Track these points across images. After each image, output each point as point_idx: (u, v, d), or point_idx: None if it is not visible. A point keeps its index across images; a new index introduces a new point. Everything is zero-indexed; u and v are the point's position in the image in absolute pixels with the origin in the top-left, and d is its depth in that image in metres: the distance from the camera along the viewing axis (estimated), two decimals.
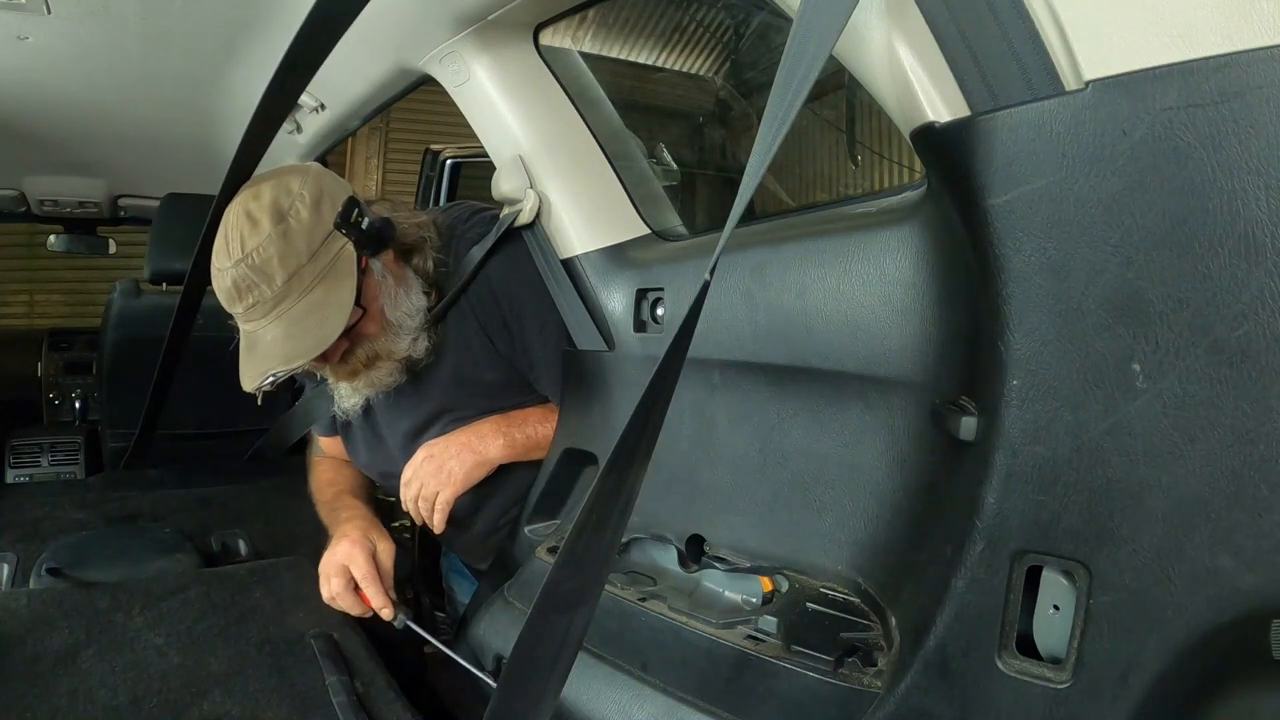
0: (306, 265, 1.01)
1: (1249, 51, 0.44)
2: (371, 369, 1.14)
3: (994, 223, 0.56)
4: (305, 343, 1.02)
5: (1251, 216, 0.45)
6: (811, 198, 3.54)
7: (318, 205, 1.03)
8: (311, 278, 1.01)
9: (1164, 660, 0.51)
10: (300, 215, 1.01)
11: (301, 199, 1.02)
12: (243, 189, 1.06)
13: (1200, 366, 0.48)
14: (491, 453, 1.18)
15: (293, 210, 1.01)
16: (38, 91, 1.59)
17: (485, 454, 1.17)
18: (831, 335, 0.78)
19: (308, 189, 1.03)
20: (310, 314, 1.02)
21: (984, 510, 0.59)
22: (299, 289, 1.01)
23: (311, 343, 1.02)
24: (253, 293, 1.00)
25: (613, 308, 1.10)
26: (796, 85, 0.54)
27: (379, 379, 1.15)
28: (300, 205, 1.01)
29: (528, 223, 1.14)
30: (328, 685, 0.94)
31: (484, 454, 1.17)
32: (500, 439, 1.18)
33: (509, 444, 1.19)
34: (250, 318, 1.03)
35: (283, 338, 1.02)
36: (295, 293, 1.01)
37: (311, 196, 1.02)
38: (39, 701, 0.87)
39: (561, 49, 1.22)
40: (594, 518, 0.63)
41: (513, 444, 1.19)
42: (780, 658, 0.76)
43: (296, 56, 0.98)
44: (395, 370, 1.15)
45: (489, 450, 1.18)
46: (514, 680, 0.67)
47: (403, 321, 1.13)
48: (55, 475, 2.24)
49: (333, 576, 1.10)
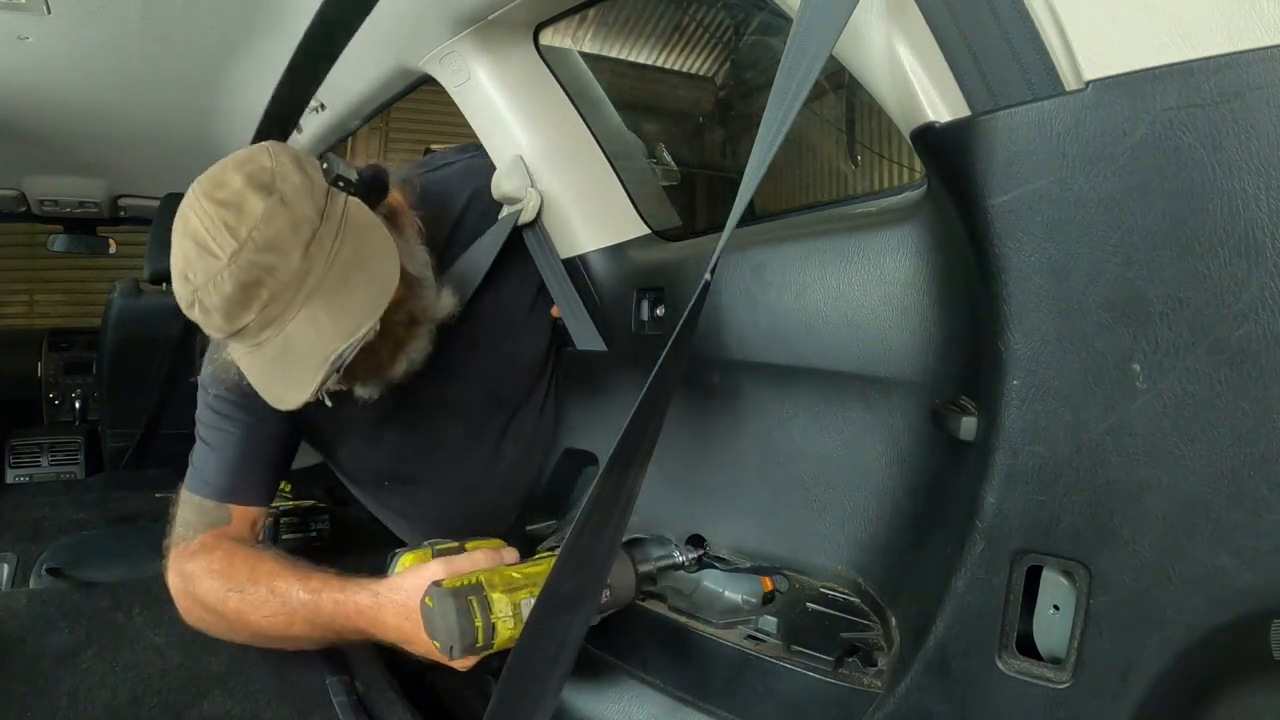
0: (322, 227, 0.83)
1: (1249, 51, 0.44)
2: (411, 338, 0.97)
3: (994, 223, 0.56)
4: (363, 303, 0.83)
5: (1251, 216, 0.45)
6: (811, 198, 3.54)
7: (301, 168, 0.85)
8: (331, 239, 0.83)
9: (1164, 660, 0.51)
10: (290, 179, 0.83)
11: (281, 166, 0.84)
12: (189, 193, 0.85)
13: (1200, 366, 0.48)
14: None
15: (278, 178, 0.82)
16: (38, 91, 1.59)
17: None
18: (831, 335, 0.78)
19: (281, 157, 0.85)
20: (350, 274, 0.83)
21: (984, 510, 0.59)
22: (322, 256, 0.82)
23: (372, 296, 0.83)
24: (267, 282, 0.80)
25: (612, 307, 1.10)
26: (796, 85, 0.54)
27: (417, 351, 0.98)
28: (284, 171, 0.83)
29: (529, 222, 1.14)
30: (328, 685, 0.94)
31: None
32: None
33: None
34: (270, 315, 0.81)
35: (330, 314, 0.82)
36: (320, 262, 0.82)
37: (289, 161, 0.85)
38: (39, 701, 0.87)
39: (561, 49, 1.22)
40: (594, 518, 0.63)
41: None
42: (780, 658, 0.76)
43: (302, 61, 0.97)
44: (429, 336, 1.00)
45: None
46: (514, 680, 0.67)
47: (422, 274, 0.98)
48: (55, 475, 2.24)
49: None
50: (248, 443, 1.04)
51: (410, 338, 0.98)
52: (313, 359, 0.82)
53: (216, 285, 0.80)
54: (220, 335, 0.85)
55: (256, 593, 0.92)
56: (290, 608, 0.90)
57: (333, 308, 0.82)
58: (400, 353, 0.98)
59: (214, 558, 0.97)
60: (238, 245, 0.79)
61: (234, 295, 0.80)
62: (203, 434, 1.06)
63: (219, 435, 1.04)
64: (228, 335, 0.84)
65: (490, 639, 0.77)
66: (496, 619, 0.77)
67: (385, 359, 0.97)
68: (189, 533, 1.02)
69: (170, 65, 1.48)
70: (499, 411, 1.19)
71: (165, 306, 1.88)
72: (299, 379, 0.83)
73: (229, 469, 1.03)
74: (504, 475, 1.21)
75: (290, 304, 0.82)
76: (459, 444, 1.18)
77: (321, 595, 0.89)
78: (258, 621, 0.92)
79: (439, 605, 0.77)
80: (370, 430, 1.14)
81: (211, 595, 0.94)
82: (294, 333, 0.82)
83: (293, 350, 0.82)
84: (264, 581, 0.93)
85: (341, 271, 0.83)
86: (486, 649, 0.78)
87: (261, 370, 0.85)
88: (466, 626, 0.75)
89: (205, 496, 1.03)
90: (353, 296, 0.83)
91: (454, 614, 0.75)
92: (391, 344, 0.96)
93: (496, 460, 1.20)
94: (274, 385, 0.85)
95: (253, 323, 0.82)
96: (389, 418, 1.12)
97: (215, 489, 1.03)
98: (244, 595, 0.92)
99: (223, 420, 1.04)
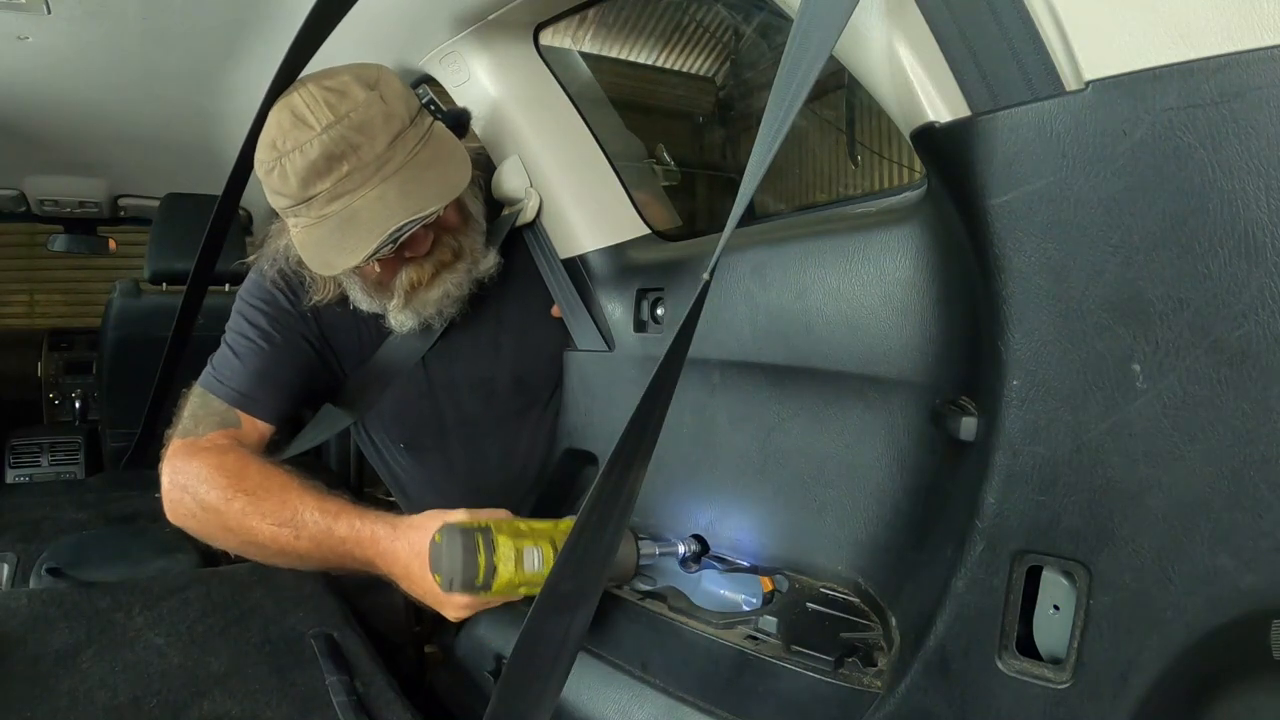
0: (409, 129, 0.92)
1: (1249, 51, 0.44)
2: (453, 269, 1.03)
3: (994, 223, 0.56)
4: (430, 192, 0.91)
5: (1251, 216, 0.45)
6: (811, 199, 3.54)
7: (403, 82, 0.96)
8: (416, 141, 0.92)
9: (1164, 660, 0.51)
10: (392, 85, 0.93)
11: (386, 74, 0.94)
12: (298, 81, 0.93)
13: (1200, 366, 0.48)
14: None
15: (382, 80, 0.93)
16: (38, 91, 1.59)
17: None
18: (831, 335, 0.78)
19: (388, 70, 0.96)
20: (426, 171, 0.92)
21: (984, 510, 0.59)
22: (404, 151, 0.90)
23: (439, 191, 0.91)
24: (350, 157, 0.88)
25: (613, 308, 1.10)
26: (796, 85, 0.54)
27: (453, 287, 1.04)
28: (388, 78, 0.94)
29: (528, 222, 1.14)
30: (328, 685, 0.94)
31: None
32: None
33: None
34: (343, 189, 0.89)
35: (399, 195, 0.89)
36: (401, 154, 0.90)
37: (395, 75, 0.96)
38: (39, 701, 0.87)
39: (561, 49, 1.22)
40: (594, 518, 0.63)
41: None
42: (780, 658, 0.76)
43: (299, 54, 0.97)
44: (467, 281, 1.06)
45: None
46: (514, 680, 0.67)
47: (479, 219, 1.07)
48: (55, 475, 2.23)
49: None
50: (272, 358, 1.06)
51: (453, 269, 1.03)
52: (374, 230, 0.88)
53: (303, 151, 0.88)
54: (289, 203, 0.91)
55: (267, 501, 0.92)
56: (300, 522, 0.91)
57: (403, 190, 0.89)
58: (439, 278, 1.02)
59: (227, 457, 0.97)
60: (334, 119, 0.87)
61: (317, 162, 0.87)
62: (229, 339, 1.09)
63: (245, 344, 1.07)
64: (297, 202, 0.91)
65: (490, 579, 0.80)
66: (499, 560, 0.80)
67: (426, 277, 1.02)
68: (197, 427, 1.02)
69: (170, 65, 1.48)
70: (522, 397, 1.21)
71: (165, 306, 1.88)
72: (354, 245, 0.88)
73: (248, 377, 1.05)
74: (518, 462, 1.23)
75: (365, 182, 0.88)
76: (481, 421, 1.20)
77: (339, 520, 0.90)
78: (260, 527, 0.92)
79: (447, 540, 0.80)
80: (400, 386, 1.15)
81: (215, 492, 0.94)
82: (360, 207, 0.89)
83: (356, 221, 0.89)
84: (277, 492, 0.93)
85: (418, 167, 0.91)
86: (485, 589, 0.81)
87: (318, 240, 0.91)
88: (470, 562, 0.79)
89: (218, 396, 1.04)
90: (422, 188, 0.90)
91: (460, 549, 0.79)
92: (435, 264, 1.01)
93: (514, 445, 1.22)
94: (327, 252, 0.90)
95: (324, 192, 0.89)
96: (422, 378, 1.16)
97: (230, 392, 1.04)
98: (254, 499, 0.93)
99: (252, 329, 1.07)
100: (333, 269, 0.92)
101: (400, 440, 1.24)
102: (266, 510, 0.92)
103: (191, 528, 0.99)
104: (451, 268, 1.03)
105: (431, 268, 1.02)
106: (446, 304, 1.06)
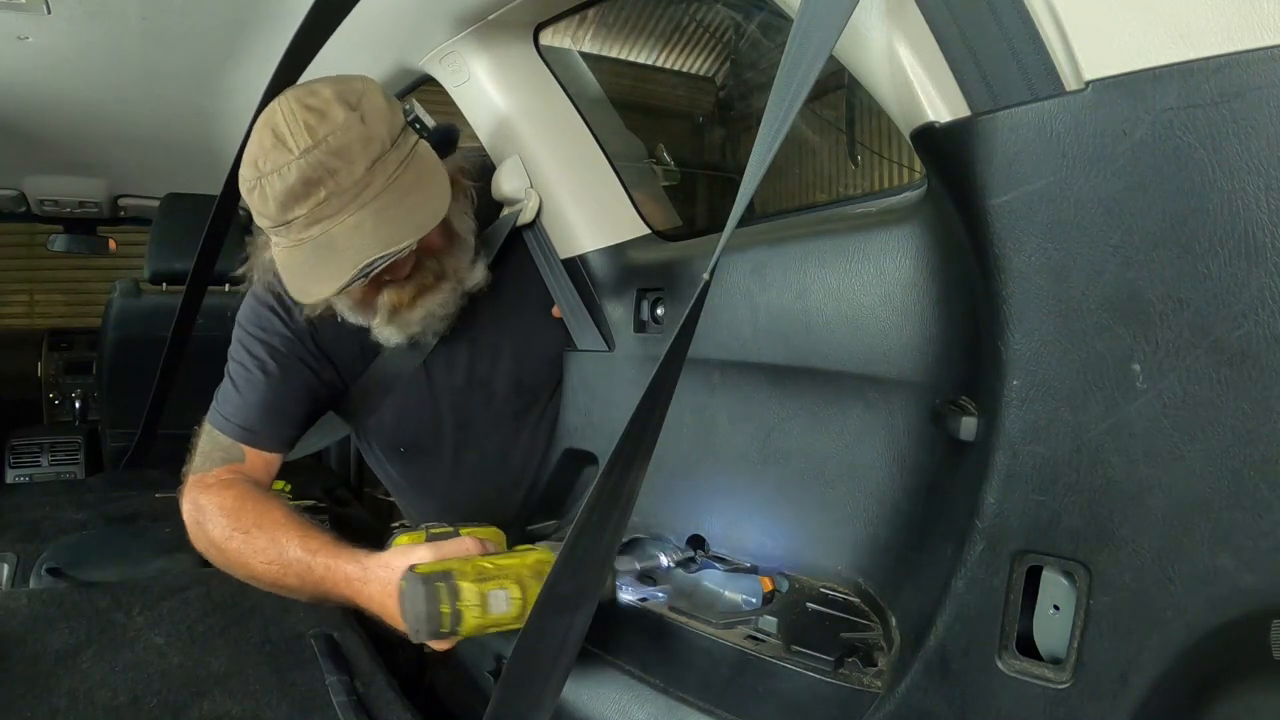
0: (390, 152, 0.89)
1: (1249, 51, 0.44)
2: (435, 290, 1.02)
3: (994, 223, 0.56)
4: (408, 223, 0.89)
5: (1251, 216, 0.45)
6: (811, 199, 3.54)
7: (387, 100, 0.93)
8: (396, 165, 0.90)
9: (1164, 660, 0.51)
10: (375, 103, 0.90)
11: (370, 91, 0.91)
12: (281, 95, 0.92)
13: (1200, 366, 0.48)
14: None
15: (365, 99, 0.89)
16: (38, 91, 1.59)
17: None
18: (831, 335, 0.78)
19: (373, 86, 0.93)
20: (406, 197, 0.90)
21: (984, 510, 0.59)
22: (384, 176, 0.89)
23: (417, 221, 0.89)
24: (328, 182, 0.86)
25: (613, 308, 1.10)
26: (796, 85, 0.54)
27: (437, 308, 1.03)
28: (371, 95, 0.91)
29: (529, 222, 1.14)
30: (328, 685, 0.94)
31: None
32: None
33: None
34: (321, 215, 0.88)
35: (375, 225, 0.88)
36: (380, 179, 0.88)
37: (379, 93, 0.92)
38: (39, 701, 0.87)
39: (561, 49, 1.22)
40: (594, 518, 0.63)
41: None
42: (780, 658, 0.76)
43: (297, 55, 0.97)
44: (452, 300, 1.05)
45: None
46: (514, 680, 0.67)
47: (466, 237, 1.04)
48: (55, 475, 2.23)
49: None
50: (270, 389, 1.06)
51: (435, 291, 1.02)
52: (348, 260, 0.87)
53: (282, 175, 0.87)
54: (269, 224, 0.91)
55: (259, 539, 0.95)
56: (286, 560, 0.93)
57: (379, 220, 0.88)
58: (421, 299, 1.02)
59: (226, 496, 0.99)
60: (312, 144, 0.86)
61: (295, 186, 0.86)
62: (230, 370, 1.10)
63: (244, 376, 1.07)
64: (276, 224, 0.90)
65: (456, 625, 0.79)
66: (463, 606, 0.79)
67: (406, 300, 1.01)
68: (205, 464, 1.05)
69: (170, 65, 1.48)
70: (520, 398, 1.21)
71: (165, 306, 1.88)
72: (329, 274, 0.88)
73: (248, 411, 1.06)
74: (517, 463, 1.23)
75: (342, 209, 0.87)
76: (480, 422, 1.20)
77: (316, 557, 0.91)
78: (255, 566, 0.95)
79: (410, 590, 0.79)
80: (400, 393, 1.16)
81: (217, 531, 0.97)
82: (337, 234, 0.88)
83: (332, 249, 0.88)
84: (268, 530, 0.95)
85: (396, 193, 0.89)
86: (453, 635, 0.80)
87: (297, 264, 0.91)
88: (433, 612, 0.78)
89: (222, 432, 1.06)
90: (400, 216, 0.89)
91: (422, 600, 0.78)
92: (415, 288, 1.01)
93: (513, 445, 1.22)
94: (304, 279, 0.90)
95: (302, 217, 0.88)
96: (423, 383, 1.16)
97: (233, 427, 1.06)
98: (247, 538, 0.95)
99: (251, 359, 1.07)
100: (309, 297, 0.92)
101: (400, 444, 1.24)
102: (258, 549, 0.95)
103: (211, 559, 1.02)
104: (434, 289, 1.02)
105: (413, 290, 1.01)
106: (432, 321, 1.05)
